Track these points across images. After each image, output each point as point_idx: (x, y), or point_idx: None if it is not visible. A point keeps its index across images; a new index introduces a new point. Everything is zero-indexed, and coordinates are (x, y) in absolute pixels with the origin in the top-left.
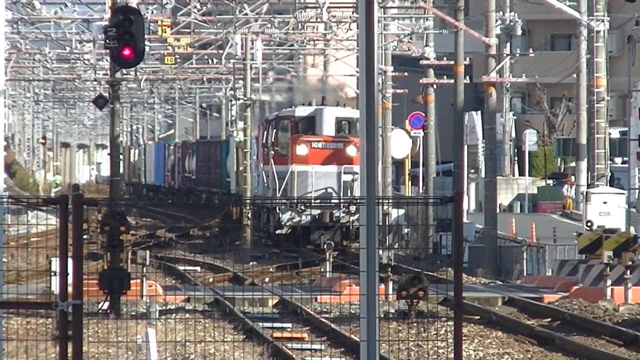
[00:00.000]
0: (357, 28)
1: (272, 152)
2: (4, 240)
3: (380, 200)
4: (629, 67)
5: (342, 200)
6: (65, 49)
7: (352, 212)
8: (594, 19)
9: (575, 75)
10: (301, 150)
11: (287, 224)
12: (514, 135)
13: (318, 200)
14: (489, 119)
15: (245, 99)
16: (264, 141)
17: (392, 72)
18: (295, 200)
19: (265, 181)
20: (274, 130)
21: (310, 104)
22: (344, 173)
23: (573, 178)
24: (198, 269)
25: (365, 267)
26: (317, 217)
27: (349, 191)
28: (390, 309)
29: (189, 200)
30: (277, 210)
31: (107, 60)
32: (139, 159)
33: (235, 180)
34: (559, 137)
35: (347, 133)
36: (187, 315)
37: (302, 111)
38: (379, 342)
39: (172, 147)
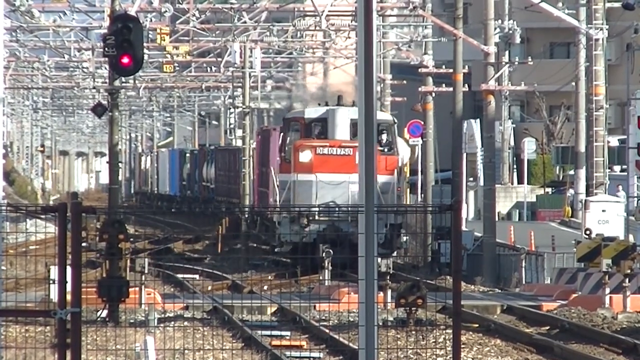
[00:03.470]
0: (356, 36)
1: (278, 158)
2: (2, 248)
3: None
4: (627, 75)
5: (339, 211)
6: (64, 57)
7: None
8: (593, 27)
9: (574, 84)
10: (304, 156)
11: (287, 240)
12: (512, 143)
13: (317, 212)
14: (487, 127)
15: (244, 106)
16: (278, 147)
17: (391, 80)
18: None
19: (276, 192)
20: (281, 134)
21: (327, 104)
22: (351, 182)
23: None
24: (197, 276)
25: (364, 275)
26: (321, 232)
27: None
28: (389, 317)
29: (195, 210)
30: (277, 225)
31: (105, 68)
32: (151, 167)
33: None
34: (558, 145)
35: None
36: (185, 323)
37: (312, 112)
38: (378, 350)
39: (188, 155)
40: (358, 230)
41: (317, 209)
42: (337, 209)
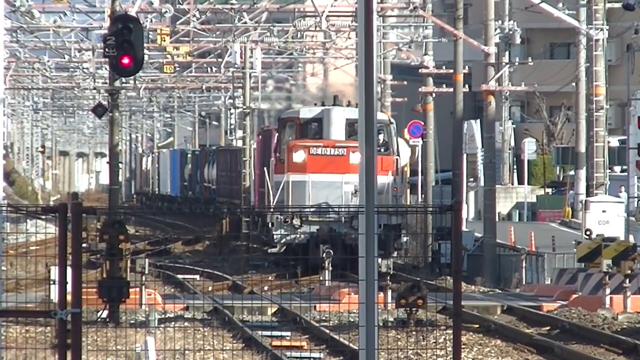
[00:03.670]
0: (357, 37)
1: (273, 158)
2: (3, 248)
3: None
4: (628, 76)
5: (339, 212)
6: (65, 58)
7: (357, 226)
8: (593, 28)
9: (574, 84)
10: (298, 157)
11: (281, 241)
12: (513, 143)
13: (310, 213)
14: (488, 127)
15: (245, 107)
16: (273, 147)
17: (391, 80)
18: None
19: (271, 192)
20: (277, 134)
21: (323, 104)
22: (345, 183)
23: None
24: (197, 277)
25: (364, 275)
26: (315, 234)
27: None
28: (389, 318)
29: (196, 211)
30: (270, 226)
31: (106, 68)
32: (152, 168)
33: None
34: (558, 146)
35: None
36: (186, 324)
37: (307, 112)
38: (378, 351)
39: (189, 155)
40: (353, 230)
41: (312, 209)
42: (334, 209)
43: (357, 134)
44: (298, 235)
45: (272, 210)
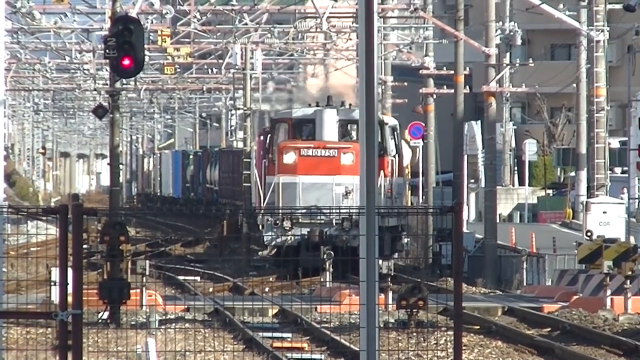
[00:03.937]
0: (357, 38)
1: (265, 160)
2: (4, 249)
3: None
4: (628, 77)
5: (336, 212)
6: (65, 59)
7: (347, 229)
8: (594, 29)
9: (575, 85)
10: (288, 158)
11: (271, 244)
12: (513, 145)
13: (303, 214)
14: (488, 128)
15: (245, 108)
16: (266, 148)
17: (392, 82)
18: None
19: (261, 194)
20: (269, 135)
21: (318, 105)
22: (336, 184)
23: None
24: (198, 278)
25: (365, 277)
26: (305, 236)
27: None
28: (390, 319)
29: (196, 211)
30: (260, 228)
31: (106, 70)
32: (154, 169)
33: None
34: (559, 147)
35: (356, 137)
36: (186, 325)
37: (300, 113)
38: (379, 352)
39: (191, 157)
40: (344, 232)
41: (311, 211)
42: (329, 210)
43: (350, 135)
44: (288, 238)
45: (262, 211)
